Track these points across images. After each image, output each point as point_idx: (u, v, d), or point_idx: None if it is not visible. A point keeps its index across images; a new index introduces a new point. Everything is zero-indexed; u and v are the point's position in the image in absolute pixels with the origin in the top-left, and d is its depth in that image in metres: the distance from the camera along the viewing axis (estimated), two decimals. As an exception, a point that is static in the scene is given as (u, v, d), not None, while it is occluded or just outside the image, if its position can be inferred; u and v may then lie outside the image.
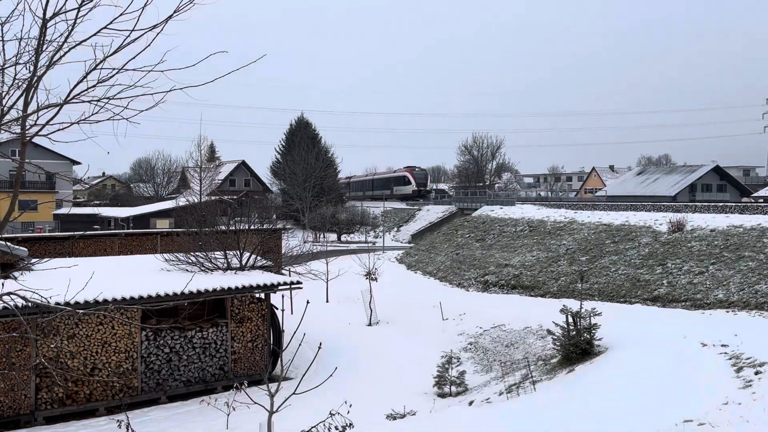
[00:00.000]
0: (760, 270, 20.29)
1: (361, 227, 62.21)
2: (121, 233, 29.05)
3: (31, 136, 4.79)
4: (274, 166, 77.48)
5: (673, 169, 75.54)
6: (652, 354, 13.40)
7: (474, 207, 50.16)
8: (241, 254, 19.52)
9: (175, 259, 19.04)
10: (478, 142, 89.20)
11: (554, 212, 37.95)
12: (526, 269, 28.76)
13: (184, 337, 16.28)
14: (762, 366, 11.23)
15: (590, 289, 23.54)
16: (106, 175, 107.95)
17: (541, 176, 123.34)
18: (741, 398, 9.80)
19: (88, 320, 14.72)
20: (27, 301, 5.14)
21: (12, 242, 19.37)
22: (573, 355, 14.49)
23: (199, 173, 56.74)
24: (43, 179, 61.27)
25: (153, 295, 14.96)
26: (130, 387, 15.30)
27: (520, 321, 20.39)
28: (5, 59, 4.73)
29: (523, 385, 14.02)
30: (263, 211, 29.49)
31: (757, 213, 26.93)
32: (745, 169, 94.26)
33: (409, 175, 79.71)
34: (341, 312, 26.23)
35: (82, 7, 4.47)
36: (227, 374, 16.88)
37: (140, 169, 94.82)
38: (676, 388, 10.90)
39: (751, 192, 64.80)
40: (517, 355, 18.00)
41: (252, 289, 17.06)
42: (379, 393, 15.40)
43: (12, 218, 5.08)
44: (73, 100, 4.63)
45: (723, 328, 15.01)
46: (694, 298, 20.27)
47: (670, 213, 30.44)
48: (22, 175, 6.67)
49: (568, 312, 14.67)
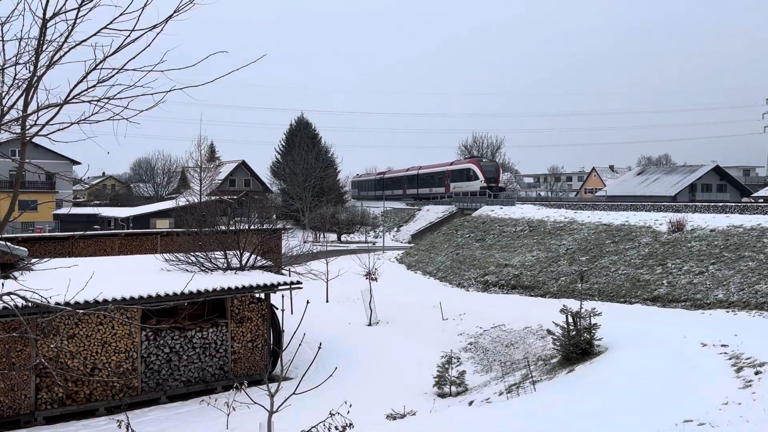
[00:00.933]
0: (760, 270, 20.28)
1: (361, 227, 62.19)
2: (121, 233, 29.06)
3: (31, 136, 4.79)
4: (274, 166, 77.51)
5: (673, 169, 75.54)
6: (652, 354, 13.40)
7: (474, 207, 50.15)
8: (241, 254, 19.52)
9: (175, 259, 19.05)
10: (478, 142, 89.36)
11: (554, 212, 37.95)
12: (526, 269, 28.76)
13: (184, 337, 16.28)
14: (762, 366, 11.23)
15: (590, 289, 23.54)
16: (106, 175, 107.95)
17: (541, 176, 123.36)
18: (741, 398, 9.81)
19: (88, 320, 14.72)
20: (27, 301, 5.14)
21: (12, 242, 19.36)
22: (573, 355, 14.49)
23: (199, 173, 56.74)
24: (43, 179, 61.28)
25: (153, 295, 14.97)
26: (130, 387, 15.30)
27: (520, 321, 20.39)
28: (5, 59, 4.73)
29: (523, 385, 14.02)
30: (263, 211, 29.48)
31: (757, 213, 26.95)
32: (745, 169, 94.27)
33: (476, 167, 61.64)
34: (341, 312, 26.23)
35: (82, 7, 4.47)
36: (227, 374, 16.88)
37: (140, 169, 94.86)
38: (676, 388, 10.90)
39: (751, 192, 64.81)
40: (517, 355, 18.00)
41: (252, 289, 17.06)
42: (379, 393, 15.40)
43: (12, 218, 5.08)
44: (73, 100, 4.63)
45: (723, 328, 15.02)
46: (694, 298, 20.27)
47: (670, 213, 30.45)
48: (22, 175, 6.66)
49: (568, 312, 14.67)
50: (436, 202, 65.67)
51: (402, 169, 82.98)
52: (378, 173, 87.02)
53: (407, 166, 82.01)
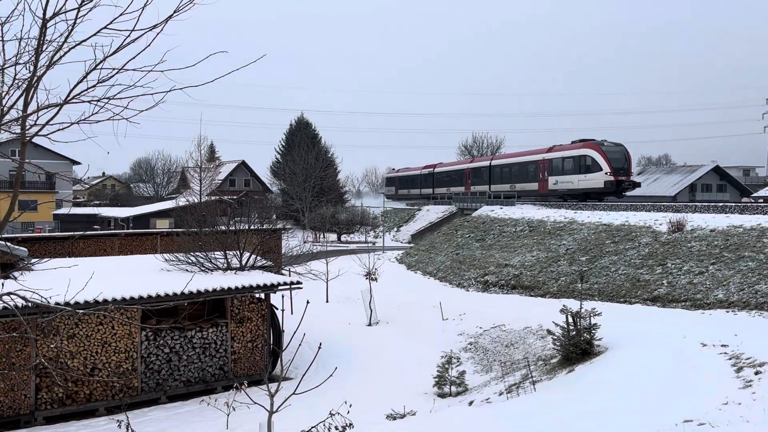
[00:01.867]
0: (760, 270, 20.28)
1: (361, 227, 62.20)
2: (121, 233, 29.06)
3: (31, 136, 4.80)
4: (274, 166, 77.56)
5: (673, 169, 75.51)
6: (652, 354, 13.40)
7: (474, 207, 50.09)
8: (241, 254, 19.52)
9: (175, 259, 19.05)
10: (478, 142, 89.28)
11: (554, 212, 37.95)
12: (526, 269, 28.76)
13: (184, 337, 16.28)
14: (762, 366, 11.23)
15: (590, 289, 23.54)
16: (106, 175, 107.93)
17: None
18: (741, 398, 9.81)
19: (88, 320, 14.72)
20: (27, 301, 5.14)
21: (12, 242, 19.36)
22: (573, 355, 14.49)
23: (199, 173, 56.75)
24: (43, 179, 61.31)
25: (153, 295, 14.97)
26: (130, 387, 15.30)
27: (520, 321, 20.39)
28: (5, 59, 4.74)
29: (523, 385, 14.02)
30: (263, 211, 29.49)
31: (757, 213, 26.91)
32: (745, 169, 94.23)
33: (596, 153, 40.80)
34: (341, 312, 26.24)
35: (82, 7, 4.47)
36: (227, 374, 16.88)
37: (140, 169, 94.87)
38: (676, 388, 10.91)
39: (751, 192, 64.80)
40: (517, 355, 18.00)
41: (252, 289, 17.06)
42: (379, 393, 15.41)
43: (12, 218, 5.08)
44: (73, 100, 4.64)
45: (723, 328, 15.02)
46: (694, 298, 20.27)
47: (670, 213, 30.42)
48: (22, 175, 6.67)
49: (568, 312, 14.67)
50: (436, 202, 62.78)
51: (464, 159, 64.93)
52: (425, 166, 70.03)
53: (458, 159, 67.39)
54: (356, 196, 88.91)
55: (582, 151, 42.14)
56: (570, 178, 43.14)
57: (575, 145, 43.41)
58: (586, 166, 41.51)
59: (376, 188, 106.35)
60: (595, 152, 41.02)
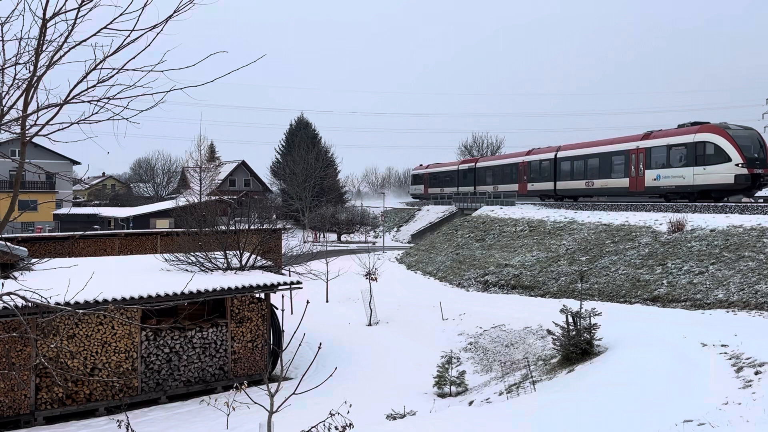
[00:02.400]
0: (760, 270, 20.28)
1: (361, 227, 62.22)
2: (121, 233, 29.08)
3: (31, 136, 4.80)
4: (274, 166, 77.60)
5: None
6: (652, 354, 13.39)
7: (474, 207, 50.08)
8: (241, 254, 19.52)
9: (175, 259, 19.06)
10: (478, 142, 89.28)
11: (554, 212, 37.95)
12: (526, 269, 28.76)
13: (184, 337, 16.28)
14: (762, 366, 11.23)
15: (590, 289, 23.54)
16: (106, 175, 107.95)
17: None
18: (741, 398, 9.80)
19: (88, 320, 14.72)
20: (27, 301, 5.14)
21: (12, 242, 19.37)
22: (573, 355, 14.49)
23: (199, 173, 56.78)
24: (43, 179, 61.29)
25: (153, 295, 14.97)
26: (130, 387, 15.30)
27: (520, 321, 20.39)
28: (5, 59, 4.74)
29: (523, 385, 14.02)
30: (263, 211, 29.50)
31: (757, 213, 26.88)
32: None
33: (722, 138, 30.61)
34: (341, 312, 26.24)
35: (82, 7, 4.48)
36: (227, 374, 16.88)
37: (140, 169, 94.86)
38: (676, 388, 10.90)
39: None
40: (517, 355, 18.01)
41: (252, 289, 17.06)
42: (379, 393, 15.41)
43: (12, 218, 5.08)
44: (73, 100, 4.64)
45: (723, 328, 15.01)
46: (694, 298, 20.27)
47: (670, 213, 30.39)
48: (22, 175, 6.67)
49: (568, 312, 14.67)
50: (436, 201, 61.63)
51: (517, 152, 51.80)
52: (463, 161, 62.19)
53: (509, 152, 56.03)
54: (356, 196, 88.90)
55: (699, 136, 31.58)
56: (681, 172, 32.75)
57: (687, 129, 32.84)
58: (705, 156, 31.33)
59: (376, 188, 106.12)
60: (720, 137, 30.70)
